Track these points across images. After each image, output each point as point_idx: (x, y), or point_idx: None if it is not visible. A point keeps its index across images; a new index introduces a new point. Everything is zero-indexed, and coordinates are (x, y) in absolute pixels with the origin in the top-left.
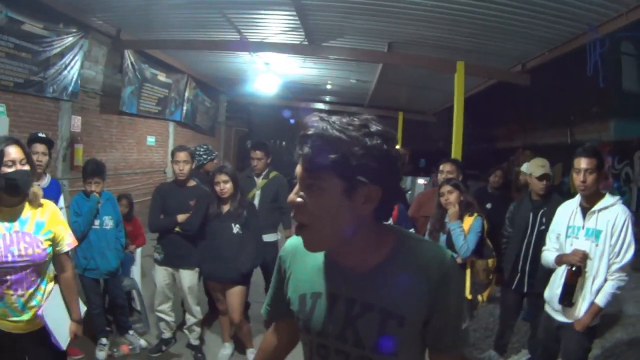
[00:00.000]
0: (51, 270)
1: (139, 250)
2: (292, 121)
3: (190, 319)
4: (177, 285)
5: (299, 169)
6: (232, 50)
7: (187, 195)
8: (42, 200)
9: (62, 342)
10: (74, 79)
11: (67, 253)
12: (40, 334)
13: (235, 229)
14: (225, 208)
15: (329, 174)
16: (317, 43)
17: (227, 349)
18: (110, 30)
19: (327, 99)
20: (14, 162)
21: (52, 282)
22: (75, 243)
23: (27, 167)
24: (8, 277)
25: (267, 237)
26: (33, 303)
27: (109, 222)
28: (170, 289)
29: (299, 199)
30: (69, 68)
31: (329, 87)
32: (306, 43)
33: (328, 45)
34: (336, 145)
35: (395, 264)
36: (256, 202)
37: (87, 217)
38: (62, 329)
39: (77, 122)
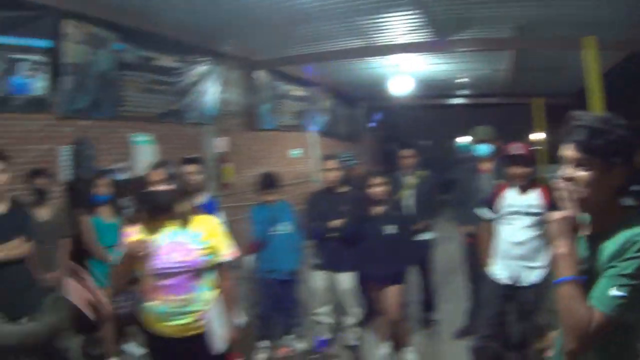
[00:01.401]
0: (213, 278)
1: None
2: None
3: (347, 321)
4: (335, 289)
5: (569, 152)
6: (361, 57)
7: (340, 200)
8: (202, 216)
9: (219, 346)
10: (213, 103)
11: (226, 263)
12: (199, 338)
13: (390, 229)
14: (379, 210)
15: (595, 155)
16: (444, 38)
17: (384, 349)
18: (241, 54)
19: (461, 92)
20: (156, 183)
21: (213, 290)
22: (237, 254)
23: (168, 187)
24: (167, 282)
25: (423, 236)
26: (192, 308)
27: (286, 227)
28: (328, 293)
29: (576, 174)
30: (206, 94)
31: (461, 80)
32: (433, 39)
33: (455, 39)
34: (601, 134)
35: (617, 230)
36: (410, 201)
37: (265, 224)
38: (219, 334)
39: (221, 142)
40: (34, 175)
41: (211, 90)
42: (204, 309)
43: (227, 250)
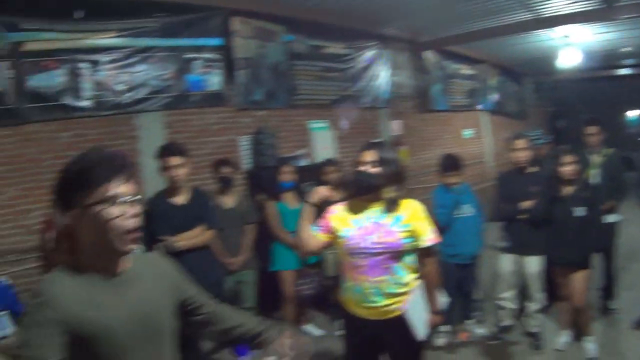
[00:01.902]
0: (412, 263)
1: None
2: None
3: (531, 306)
4: (521, 272)
5: None
6: (528, 31)
7: (529, 181)
8: (404, 201)
9: (420, 333)
10: (385, 87)
11: (428, 249)
12: (397, 321)
13: (580, 211)
14: (569, 190)
15: None
16: (611, 4)
17: (565, 336)
18: (408, 35)
19: (628, 62)
20: (364, 163)
21: (412, 275)
22: (438, 239)
23: (375, 170)
24: (363, 263)
25: (609, 218)
26: (387, 291)
27: (469, 210)
28: (514, 277)
29: None
30: (377, 78)
31: (628, 49)
32: (601, 6)
33: (623, 5)
34: None
35: None
36: (596, 181)
37: (449, 208)
38: (420, 319)
39: (396, 125)
40: (219, 165)
41: (382, 74)
42: (401, 292)
43: (429, 235)
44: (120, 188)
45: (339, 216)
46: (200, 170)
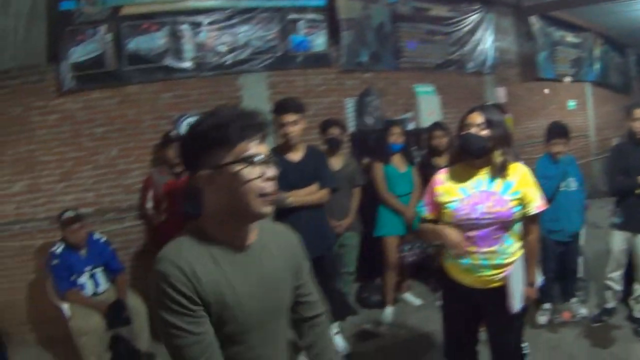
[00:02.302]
0: (518, 231)
1: None
2: None
3: (639, 289)
4: (633, 252)
5: None
6: None
7: None
8: (513, 166)
9: (515, 305)
10: (490, 52)
11: (535, 216)
12: (498, 292)
13: None
14: None
15: None
16: None
17: None
18: (510, 0)
19: None
20: (470, 125)
21: (519, 244)
22: (545, 206)
23: (484, 132)
24: (473, 234)
25: None
26: (496, 261)
27: (573, 184)
28: (625, 256)
29: None
30: (482, 43)
31: None
32: None
33: None
34: None
35: None
36: None
37: (555, 180)
38: (518, 290)
39: (501, 93)
40: (327, 126)
41: (486, 39)
42: (507, 262)
43: (537, 202)
44: (257, 147)
45: (444, 186)
46: (305, 131)
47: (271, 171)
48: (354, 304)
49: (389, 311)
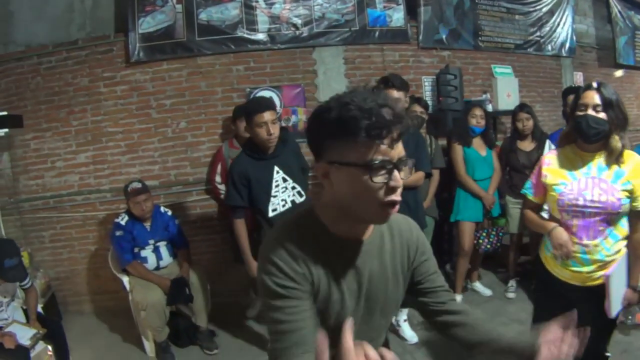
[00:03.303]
0: (624, 227)
1: None
2: None
3: None
4: None
5: None
6: None
7: None
8: (627, 152)
9: (614, 309)
10: (569, 35)
11: None
12: (596, 291)
13: None
14: None
15: None
16: None
17: None
18: None
19: None
20: (586, 107)
21: (623, 242)
22: None
23: (601, 115)
24: (575, 222)
25: None
26: (597, 257)
27: None
28: None
29: None
30: (561, 24)
31: None
32: None
33: None
34: None
35: None
36: None
37: None
38: (618, 294)
39: (579, 77)
40: (412, 103)
41: (566, 20)
42: (608, 260)
43: None
44: (386, 151)
45: (552, 167)
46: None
47: (396, 180)
48: None
49: (458, 300)
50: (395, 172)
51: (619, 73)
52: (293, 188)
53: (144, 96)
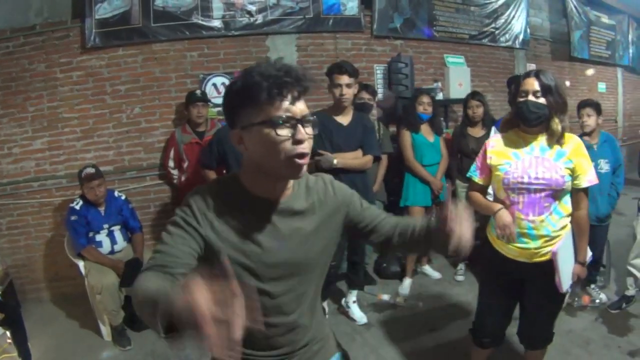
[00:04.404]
0: (566, 204)
1: None
2: None
3: None
4: None
5: None
6: None
7: None
8: (567, 135)
9: (564, 284)
10: (523, 27)
11: (586, 190)
12: (544, 267)
13: None
14: None
15: None
16: None
17: None
18: None
19: None
20: (527, 93)
21: (567, 220)
22: (596, 181)
23: (541, 100)
24: (521, 199)
25: None
26: (543, 232)
27: (604, 166)
28: None
29: None
30: (516, 17)
31: None
32: None
33: None
34: None
35: None
36: None
37: None
38: (567, 269)
39: (531, 69)
40: (360, 90)
41: (520, 13)
42: (555, 235)
43: (589, 175)
44: (289, 107)
45: (497, 149)
46: None
47: (302, 133)
48: (372, 274)
49: (407, 283)
50: (300, 126)
51: (590, 71)
52: None
53: (99, 82)
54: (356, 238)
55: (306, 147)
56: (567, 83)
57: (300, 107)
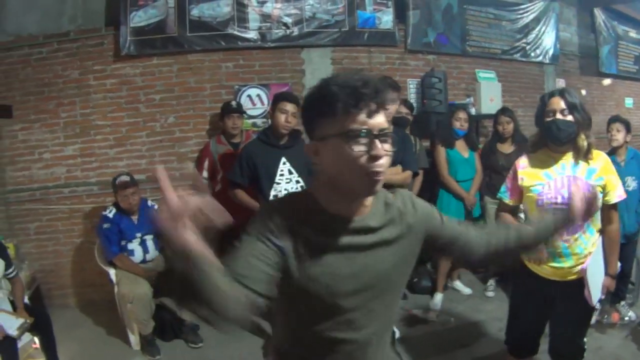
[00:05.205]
0: (598, 221)
1: None
2: None
3: None
4: None
5: None
6: None
7: None
8: (595, 152)
9: (594, 297)
10: (553, 42)
11: (616, 205)
12: (575, 284)
13: None
14: None
15: None
16: None
17: None
18: None
19: None
20: (554, 112)
21: (598, 235)
22: (624, 196)
23: (568, 118)
24: None
25: None
26: (577, 250)
27: (632, 183)
28: None
29: None
30: (547, 32)
31: None
32: None
33: None
34: None
35: None
36: None
37: None
38: (596, 282)
39: (561, 84)
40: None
41: (550, 28)
42: (587, 253)
43: (618, 191)
44: (365, 120)
45: (527, 170)
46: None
47: (378, 149)
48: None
49: (438, 298)
50: (377, 142)
51: (606, 82)
52: (297, 182)
53: (133, 90)
54: (438, 254)
55: (383, 164)
56: (583, 92)
57: (379, 121)
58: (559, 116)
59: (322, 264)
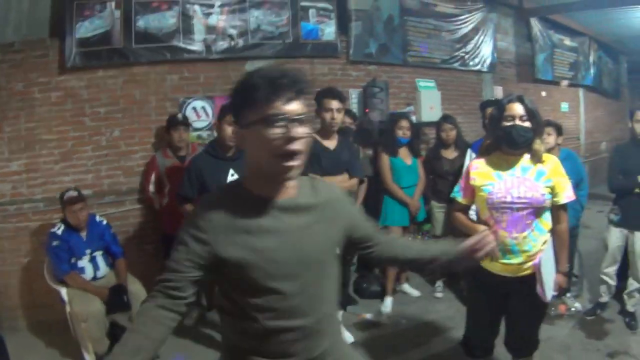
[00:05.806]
0: (547, 220)
1: None
2: None
3: (633, 284)
4: (630, 249)
5: None
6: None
7: None
8: (546, 155)
9: (548, 293)
10: (491, 51)
11: (565, 205)
12: (527, 280)
13: None
14: None
15: None
16: None
17: None
18: (512, 1)
19: None
20: (513, 118)
21: (549, 233)
22: (573, 197)
23: (526, 124)
24: (504, 218)
25: None
26: (525, 248)
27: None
28: (620, 252)
29: None
30: (484, 41)
31: None
32: None
33: None
34: None
35: None
36: None
37: None
38: (549, 280)
39: (498, 92)
40: None
41: (488, 38)
42: (537, 250)
43: (567, 192)
44: (283, 107)
45: (481, 171)
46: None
47: (294, 131)
48: (352, 294)
49: (389, 301)
50: (292, 125)
51: (564, 83)
52: None
53: (78, 103)
54: (355, 249)
55: (298, 146)
56: (543, 93)
57: (295, 107)
58: (518, 122)
59: (252, 245)
